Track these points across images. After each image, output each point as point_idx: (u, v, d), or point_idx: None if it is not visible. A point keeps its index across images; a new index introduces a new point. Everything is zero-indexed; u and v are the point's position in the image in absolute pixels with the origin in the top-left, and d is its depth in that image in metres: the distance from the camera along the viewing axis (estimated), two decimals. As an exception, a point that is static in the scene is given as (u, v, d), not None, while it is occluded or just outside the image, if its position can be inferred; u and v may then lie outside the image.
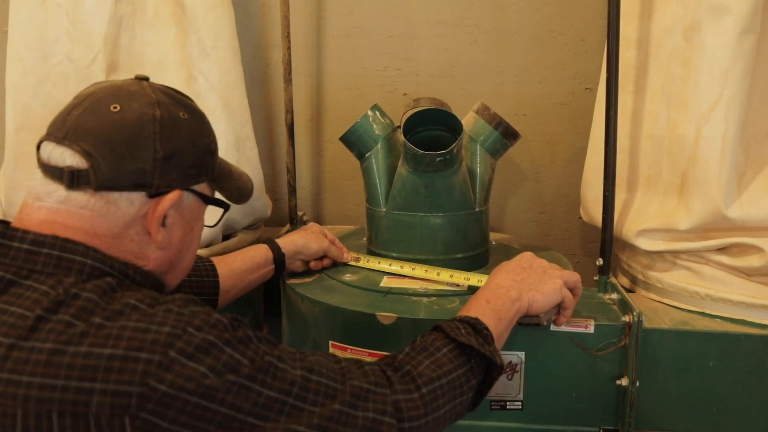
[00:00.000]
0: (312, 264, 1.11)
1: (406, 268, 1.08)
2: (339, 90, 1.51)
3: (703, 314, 0.99)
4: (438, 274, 1.06)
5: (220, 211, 0.79)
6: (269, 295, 1.31)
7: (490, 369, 0.76)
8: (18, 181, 1.15)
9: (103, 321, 0.58)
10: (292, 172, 1.41)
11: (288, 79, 1.37)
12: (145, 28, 1.17)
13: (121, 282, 0.64)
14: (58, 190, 0.64)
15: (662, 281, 1.05)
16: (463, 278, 1.03)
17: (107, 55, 1.13)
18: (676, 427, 0.96)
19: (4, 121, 1.16)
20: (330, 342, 0.99)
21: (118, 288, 0.63)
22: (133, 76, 0.71)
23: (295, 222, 1.42)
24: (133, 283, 0.66)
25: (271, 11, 1.47)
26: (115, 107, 0.64)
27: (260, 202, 1.31)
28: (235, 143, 1.21)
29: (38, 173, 0.66)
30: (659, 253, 1.05)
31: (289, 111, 1.39)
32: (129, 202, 0.66)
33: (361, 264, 1.13)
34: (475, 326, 0.76)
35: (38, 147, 0.67)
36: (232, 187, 0.79)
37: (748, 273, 0.97)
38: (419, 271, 1.07)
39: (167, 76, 1.17)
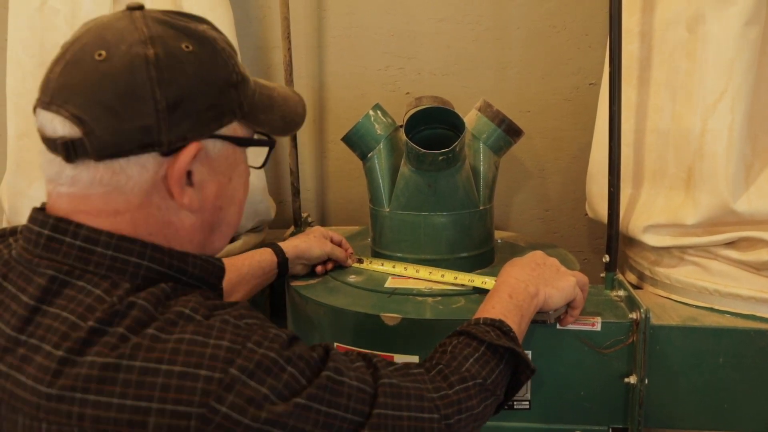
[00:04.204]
0: (318, 269, 1.10)
1: (410, 270, 1.08)
2: (341, 90, 1.51)
3: (711, 310, 0.98)
4: (442, 276, 1.05)
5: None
6: (274, 297, 1.31)
7: (516, 371, 0.75)
8: (20, 188, 1.15)
9: (156, 332, 0.52)
10: (295, 173, 1.41)
11: (289, 81, 1.37)
12: (145, 31, 1.17)
13: (175, 287, 0.57)
14: (63, 168, 0.55)
15: (670, 277, 1.04)
16: (468, 280, 1.02)
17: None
18: (686, 425, 0.94)
19: (5, 128, 1.16)
20: (335, 344, 0.98)
21: (173, 295, 0.56)
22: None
23: (299, 224, 1.42)
24: (191, 280, 0.60)
25: (271, 12, 1.47)
26: (99, 54, 0.53)
27: (264, 205, 1.30)
28: (236, 145, 1.20)
29: (42, 146, 0.57)
30: (666, 249, 1.04)
31: (291, 112, 1.38)
32: (141, 168, 0.55)
33: (364, 266, 1.12)
34: (501, 328, 0.74)
35: (34, 111, 0.57)
36: (274, 118, 0.65)
37: (757, 267, 0.95)
38: (423, 273, 1.06)
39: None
